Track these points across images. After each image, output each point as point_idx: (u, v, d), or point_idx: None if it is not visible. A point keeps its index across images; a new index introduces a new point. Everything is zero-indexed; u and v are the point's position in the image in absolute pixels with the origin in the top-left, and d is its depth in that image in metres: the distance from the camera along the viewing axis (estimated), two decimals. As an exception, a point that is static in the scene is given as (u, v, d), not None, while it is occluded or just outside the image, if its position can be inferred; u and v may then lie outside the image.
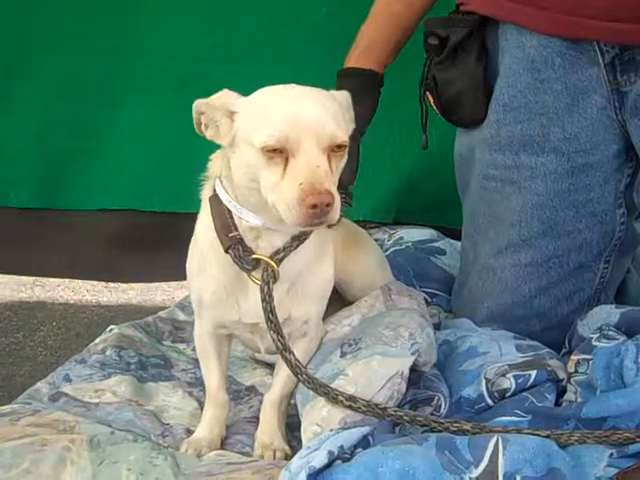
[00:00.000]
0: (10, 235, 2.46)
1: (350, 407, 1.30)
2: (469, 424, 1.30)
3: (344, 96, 1.37)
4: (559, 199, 1.65)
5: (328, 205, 1.19)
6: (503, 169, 1.69)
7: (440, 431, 1.30)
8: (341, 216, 1.24)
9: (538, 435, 1.26)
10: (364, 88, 1.70)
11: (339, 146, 1.25)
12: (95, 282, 2.36)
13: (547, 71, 1.60)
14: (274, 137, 1.21)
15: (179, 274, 1.48)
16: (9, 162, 2.51)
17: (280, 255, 1.33)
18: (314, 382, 1.32)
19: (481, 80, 1.67)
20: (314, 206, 1.18)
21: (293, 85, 1.30)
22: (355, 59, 1.72)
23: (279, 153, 1.21)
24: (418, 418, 1.32)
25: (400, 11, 1.74)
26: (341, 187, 1.26)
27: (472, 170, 1.76)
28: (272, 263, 1.32)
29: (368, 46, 1.72)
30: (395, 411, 1.31)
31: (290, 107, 1.24)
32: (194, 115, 1.30)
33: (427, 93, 1.73)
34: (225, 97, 1.29)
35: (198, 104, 1.30)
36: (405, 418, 1.32)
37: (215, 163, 1.39)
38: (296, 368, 1.34)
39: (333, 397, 1.30)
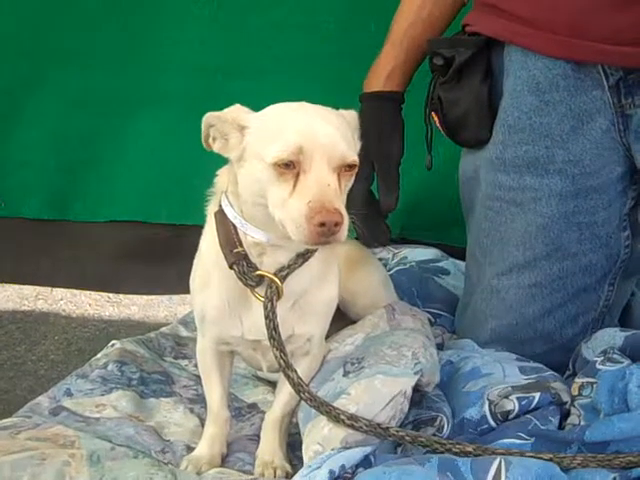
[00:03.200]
0: (18, 245, 2.49)
1: (352, 426, 1.29)
2: (472, 445, 1.29)
3: (352, 116, 1.37)
4: (563, 221, 1.65)
5: (337, 225, 1.19)
6: (508, 190, 1.69)
7: (442, 452, 1.29)
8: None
9: (541, 458, 1.25)
10: (396, 111, 1.77)
11: (349, 166, 1.26)
12: (98, 296, 2.36)
13: (552, 93, 1.61)
14: (286, 152, 1.21)
15: (185, 286, 1.48)
16: (19, 174, 2.55)
17: (284, 272, 1.33)
18: (316, 400, 1.32)
19: (486, 101, 1.68)
20: (322, 224, 1.18)
21: (304, 103, 1.31)
22: (383, 83, 1.76)
23: (290, 169, 1.21)
24: (420, 439, 1.31)
25: (422, 33, 1.77)
26: (369, 213, 1.26)
27: (477, 190, 1.76)
28: (276, 280, 1.32)
29: (393, 70, 1.77)
30: (397, 431, 1.31)
31: (302, 124, 1.24)
32: (203, 127, 1.31)
33: (432, 113, 1.74)
34: (237, 111, 1.30)
35: (209, 117, 1.30)
36: (407, 438, 1.31)
37: (222, 178, 1.39)
38: (298, 386, 1.33)
39: (335, 416, 1.30)
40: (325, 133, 1.24)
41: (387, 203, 1.72)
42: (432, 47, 1.71)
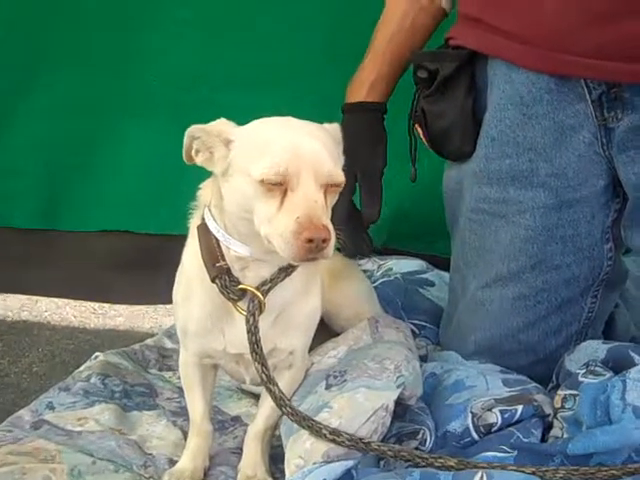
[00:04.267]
0: (6, 255, 2.48)
1: (334, 441, 1.28)
2: (454, 459, 1.29)
3: (336, 129, 1.37)
4: (547, 233, 1.65)
5: (324, 241, 1.18)
6: (492, 203, 1.69)
7: (424, 466, 1.29)
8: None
9: (523, 472, 1.25)
10: (379, 122, 1.77)
11: (335, 184, 1.25)
12: (83, 308, 2.35)
13: (535, 107, 1.62)
14: (273, 170, 1.20)
15: (171, 297, 1.48)
16: (8, 182, 2.55)
17: (267, 286, 1.33)
18: (298, 415, 1.31)
19: (470, 114, 1.68)
20: (310, 240, 1.17)
21: (290, 118, 1.31)
22: (366, 93, 1.76)
23: (277, 186, 1.21)
24: (402, 453, 1.31)
25: (404, 43, 1.77)
26: (351, 224, 1.25)
27: (461, 203, 1.76)
28: (258, 294, 1.32)
29: (376, 80, 1.77)
30: (379, 445, 1.30)
31: (290, 141, 1.24)
32: (186, 139, 1.29)
33: (416, 125, 1.74)
34: (222, 125, 1.29)
35: (193, 129, 1.29)
36: (389, 453, 1.31)
37: (205, 192, 1.38)
38: (280, 400, 1.33)
39: (317, 430, 1.29)
40: (312, 150, 1.24)
41: (370, 214, 1.72)
42: (416, 60, 1.71)
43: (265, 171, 1.20)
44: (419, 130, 1.74)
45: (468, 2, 1.69)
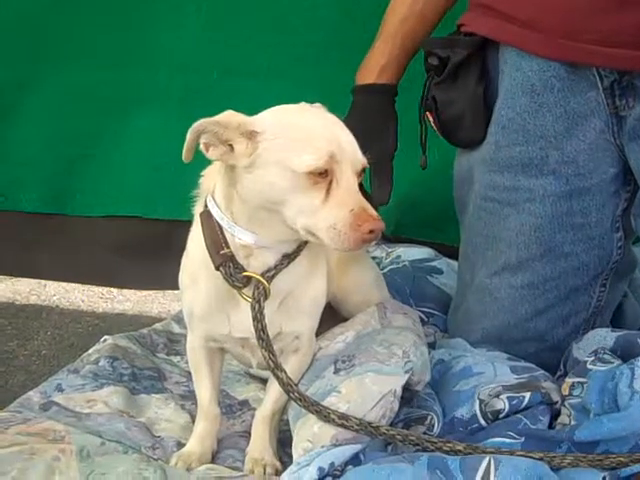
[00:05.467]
0: (16, 239, 2.49)
1: (343, 425, 1.29)
2: (462, 444, 1.29)
3: (325, 109, 1.38)
4: (557, 222, 1.65)
5: (381, 230, 1.22)
6: (502, 190, 1.69)
7: (433, 451, 1.29)
8: None
9: (531, 457, 1.25)
10: (390, 103, 1.76)
11: (362, 170, 1.28)
12: (91, 292, 2.36)
13: (546, 94, 1.61)
14: (321, 161, 1.21)
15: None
16: (19, 167, 2.55)
17: (271, 273, 1.33)
18: (306, 400, 1.32)
19: (481, 101, 1.68)
20: (371, 231, 1.20)
21: (307, 105, 1.31)
22: (377, 76, 1.75)
23: (324, 178, 1.22)
24: (410, 437, 1.31)
25: (415, 28, 1.76)
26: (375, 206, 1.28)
27: (471, 191, 1.76)
28: (263, 281, 1.32)
29: (387, 63, 1.76)
30: (388, 430, 1.31)
31: (329, 132, 1.25)
32: (191, 135, 1.25)
33: (427, 113, 1.74)
34: (234, 117, 1.26)
35: (202, 123, 1.24)
36: (398, 437, 1.31)
37: (207, 179, 1.38)
38: (287, 386, 1.33)
39: (325, 415, 1.30)
40: (348, 140, 1.26)
41: (380, 197, 1.71)
42: (427, 47, 1.71)
43: (311, 163, 1.21)
44: (429, 118, 1.74)
45: (480, -11, 1.69)
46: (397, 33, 1.76)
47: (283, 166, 1.22)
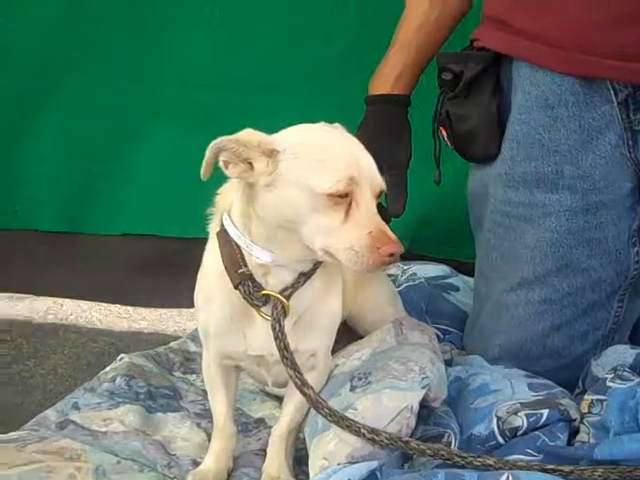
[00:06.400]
0: (31, 258, 2.51)
1: (373, 440, 1.29)
2: (493, 459, 1.28)
3: (345, 129, 1.38)
4: (573, 237, 1.64)
5: (400, 253, 1.23)
6: (517, 206, 1.68)
7: (463, 465, 1.28)
8: None
9: (561, 471, 1.24)
10: (403, 114, 1.75)
11: (381, 192, 1.29)
12: (108, 311, 2.37)
13: (560, 109, 1.61)
14: (341, 183, 1.21)
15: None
16: (34, 186, 2.58)
17: (288, 291, 1.33)
18: (336, 415, 1.31)
19: (495, 116, 1.68)
20: (391, 255, 1.21)
21: (326, 125, 1.32)
22: (392, 86, 1.74)
23: (344, 199, 1.22)
24: (442, 452, 1.30)
25: (431, 35, 1.77)
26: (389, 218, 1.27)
27: (486, 206, 1.75)
28: (282, 299, 1.32)
29: (402, 72, 1.75)
30: (418, 444, 1.30)
31: (349, 153, 1.26)
32: (210, 152, 1.24)
33: (440, 128, 1.74)
34: (253, 135, 1.26)
35: (222, 141, 1.24)
36: (428, 452, 1.30)
37: (223, 197, 1.38)
38: (317, 403, 1.32)
39: (355, 430, 1.29)
40: (368, 162, 1.27)
41: (395, 208, 1.68)
42: (441, 62, 1.71)
43: (332, 185, 1.21)
44: (443, 133, 1.74)
45: (493, 3, 1.69)
46: (412, 42, 1.76)
47: (304, 186, 1.23)
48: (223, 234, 1.35)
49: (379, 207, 1.29)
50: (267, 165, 1.25)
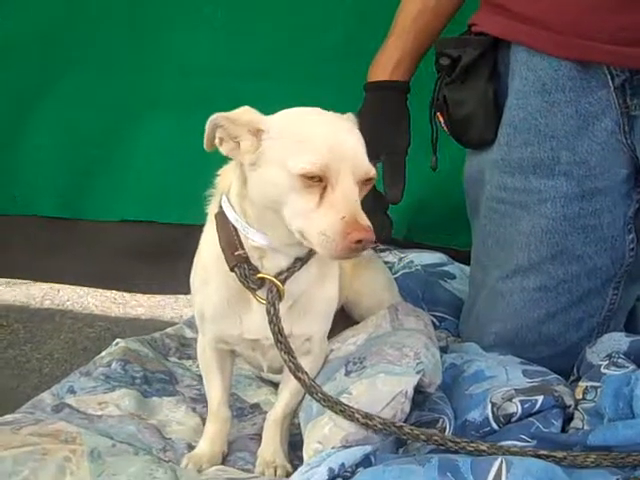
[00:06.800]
0: (30, 243, 2.52)
1: (366, 424, 1.28)
2: (486, 444, 1.29)
3: (354, 120, 1.36)
4: (569, 223, 1.64)
5: (370, 242, 1.19)
6: (513, 192, 1.68)
7: (456, 451, 1.28)
8: None
9: (554, 457, 1.25)
10: (402, 100, 1.74)
11: (369, 179, 1.25)
12: (104, 297, 2.38)
13: (557, 94, 1.60)
14: (315, 165, 1.19)
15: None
16: (33, 172, 2.58)
17: (284, 275, 1.33)
18: (329, 400, 1.31)
19: (491, 101, 1.68)
20: (359, 241, 1.17)
21: (319, 109, 1.30)
22: (391, 72, 1.74)
23: (317, 182, 1.20)
24: (435, 437, 1.30)
25: (429, 23, 1.76)
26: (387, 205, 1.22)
27: (482, 192, 1.75)
28: (277, 283, 1.31)
29: (401, 58, 1.74)
30: (411, 429, 1.30)
31: (330, 136, 1.23)
32: (208, 128, 1.27)
33: (437, 113, 1.73)
34: (248, 114, 1.27)
35: (216, 117, 1.26)
36: (422, 437, 1.30)
37: (223, 179, 1.38)
38: (311, 387, 1.32)
39: (349, 415, 1.29)
40: (351, 147, 1.23)
41: (393, 195, 1.68)
42: (439, 47, 1.70)
43: (305, 166, 1.19)
44: (440, 118, 1.73)
45: (491, -12, 1.68)
46: (411, 29, 1.75)
47: (281, 166, 1.22)
48: (221, 216, 1.35)
49: (377, 194, 1.28)
50: (252, 144, 1.25)
